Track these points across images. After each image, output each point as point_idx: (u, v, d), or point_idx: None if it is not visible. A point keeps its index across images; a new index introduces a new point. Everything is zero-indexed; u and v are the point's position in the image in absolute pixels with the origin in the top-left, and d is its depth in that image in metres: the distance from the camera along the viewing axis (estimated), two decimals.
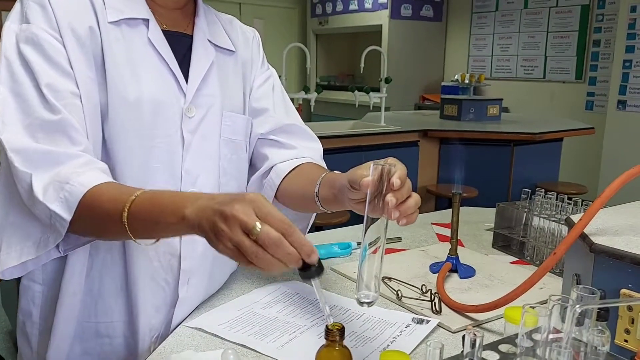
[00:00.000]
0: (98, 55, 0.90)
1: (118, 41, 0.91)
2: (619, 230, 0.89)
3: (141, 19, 0.94)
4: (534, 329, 0.67)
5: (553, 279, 1.15)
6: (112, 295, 0.96)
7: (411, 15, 6.55)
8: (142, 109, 0.92)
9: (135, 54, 0.93)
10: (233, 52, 1.08)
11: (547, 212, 1.29)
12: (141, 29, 0.94)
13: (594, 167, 5.10)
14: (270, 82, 1.17)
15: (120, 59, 0.91)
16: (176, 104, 0.96)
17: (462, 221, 1.54)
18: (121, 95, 0.90)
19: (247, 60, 1.12)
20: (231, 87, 1.06)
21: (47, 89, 0.83)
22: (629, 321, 0.78)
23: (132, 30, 0.93)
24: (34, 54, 0.85)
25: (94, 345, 0.97)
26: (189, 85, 0.97)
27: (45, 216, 0.81)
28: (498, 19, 6.31)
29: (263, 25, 7.41)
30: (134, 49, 0.93)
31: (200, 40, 1.02)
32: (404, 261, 1.27)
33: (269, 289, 1.11)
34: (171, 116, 0.95)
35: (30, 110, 0.83)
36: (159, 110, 0.94)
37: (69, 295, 0.94)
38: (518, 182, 3.73)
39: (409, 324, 0.97)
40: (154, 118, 0.93)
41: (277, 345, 0.89)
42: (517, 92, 6.04)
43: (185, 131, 0.97)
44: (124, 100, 0.90)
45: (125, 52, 0.91)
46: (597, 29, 5.47)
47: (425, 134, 3.80)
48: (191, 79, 0.98)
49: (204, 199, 0.71)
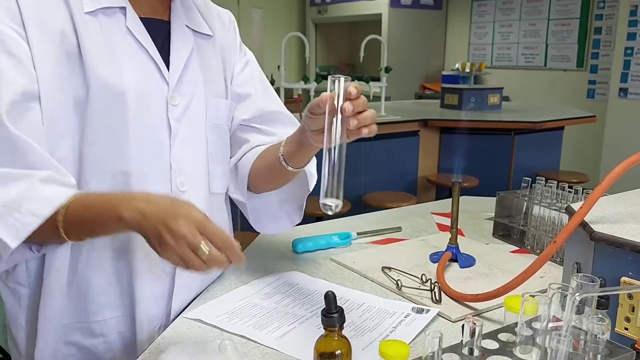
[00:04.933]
0: (74, 48, 0.86)
1: (96, 32, 0.88)
2: (619, 218, 0.89)
3: (118, 7, 0.91)
4: (533, 317, 0.67)
5: (553, 268, 1.15)
6: (103, 294, 0.94)
7: (411, 3, 6.51)
8: (125, 99, 0.89)
9: (115, 43, 0.90)
10: (211, 36, 1.06)
11: (548, 200, 1.29)
12: (119, 17, 0.91)
13: (596, 155, 5.09)
14: (250, 67, 1.16)
15: (99, 49, 0.88)
16: (160, 92, 0.94)
17: (462, 210, 1.53)
18: (103, 87, 0.87)
19: (225, 44, 1.10)
20: (212, 72, 1.05)
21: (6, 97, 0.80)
22: (630, 309, 0.78)
23: (110, 19, 0.90)
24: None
25: (88, 346, 0.96)
26: (171, 73, 0.95)
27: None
28: (498, 6, 6.27)
29: (262, 14, 7.37)
30: (113, 38, 0.90)
31: (179, 26, 1.00)
32: (404, 251, 1.27)
33: (268, 279, 1.11)
34: (156, 105, 0.94)
35: None
36: (142, 100, 0.91)
37: (51, 295, 0.92)
38: (519, 171, 3.72)
39: (408, 314, 0.97)
40: (138, 108, 0.91)
41: (276, 335, 0.89)
42: (518, 81, 6.01)
43: (172, 119, 0.95)
44: (107, 92, 0.88)
45: (104, 43, 0.89)
46: (599, 16, 5.43)
47: (425, 123, 3.79)
48: (173, 66, 0.96)
49: (140, 201, 0.77)
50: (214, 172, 1.04)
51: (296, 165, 1.01)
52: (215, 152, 1.05)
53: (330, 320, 0.67)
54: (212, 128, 1.03)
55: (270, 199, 1.14)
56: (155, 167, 0.94)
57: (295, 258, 1.23)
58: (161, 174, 0.95)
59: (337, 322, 0.67)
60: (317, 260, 1.22)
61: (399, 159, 3.74)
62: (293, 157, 1.00)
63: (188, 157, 0.98)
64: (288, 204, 1.15)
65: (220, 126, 1.05)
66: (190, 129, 0.98)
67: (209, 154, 1.03)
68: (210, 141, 1.03)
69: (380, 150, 3.61)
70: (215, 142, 1.04)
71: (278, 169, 1.02)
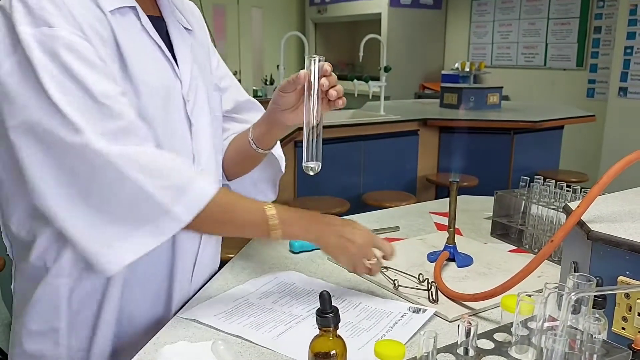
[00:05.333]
0: (114, 45, 0.87)
1: (123, 30, 0.88)
2: (617, 217, 0.88)
3: (129, 7, 0.91)
4: (529, 317, 0.67)
5: (551, 267, 1.14)
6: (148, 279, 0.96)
7: (410, 3, 6.51)
8: (159, 95, 0.92)
9: (136, 42, 0.91)
10: (192, 31, 1.07)
11: (546, 199, 1.28)
12: (131, 17, 0.91)
13: (595, 154, 5.08)
14: (220, 60, 1.21)
15: (130, 47, 0.89)
16: (176, 89, 0.96)
17: (461, 210, 1.53)
18: (144, 83, 0.89)
19: (203, 38, 1.12)
20: (203, 66, 1.07)
21: (102, 96, 0.81)
22: (627, 309, 0.77)
23: (125, 18, 0.90)
24: (74, 62, 0.80)
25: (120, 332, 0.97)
26: (181, 69, 0.97)
27: (155, 216, 0.82)
28: (498, 6, 6.27)
29: (262, 14, 7.37)
30: (133, 37, 0.91)
31: (172, 22, 1.00)
32: (402, 250, 1.26)
33: (265, 279, 1.10)
34: (177, 102, 0.96)
35: (97, 120, 0.80)
36: (168, 95, 0.94)
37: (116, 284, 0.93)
38: (518, 171, 3.71)
39: (405, 314, 0.96)
40: (166, 104, 0.94)
41: (272, 335, 0.88)
42: (517, 80, 6.01)
43: (189, 114, 0.98)
44: (147, 88, 0.90)
45: (129, 41, 0.89)
46: (598, 16, 5.43)
47: (425, 123, 3.79)
48: (181, 63, 0.98)
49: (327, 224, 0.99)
50: (219, 162, 1.10)
51: (265, 147, 1.12)
52: (217, 142, 1.10)
53: (325, 320, 0.67)
54: (214, 119, 1.07)
55: (244, 182, 1.21)
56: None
57: (292, 257, 1.23)
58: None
59: (332, 322, 0.67)
60: (315, 259, 1.22)
61: (399, 158, 3.74)
62: (262, 139, 1.11)
63: (204, 148, 1.02)
64: (262, 184, 1.24)
65: (217, 117, 1.11)
66: (201, 122, 1.02)
67: (214, 145, 1.07)
68: (214, 133, 1.07)
69: (379, 150, 3.61)
70: (217, 134, 1.09)
71: (248, 153, 1.12)
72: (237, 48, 7.18)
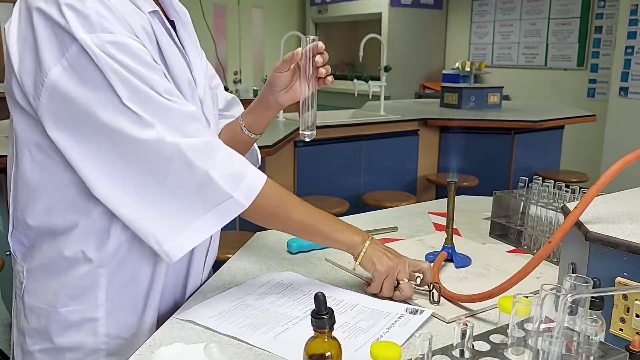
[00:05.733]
0: (157, 45, 0.92)
1: (158, 32, 0.93)
2: (615, 218, 0.88)
3: (153, 11, 0.94)
4: (526, 318, 0.66)
5: (550, 268, 1.14)
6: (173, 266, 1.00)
7: (411, 2, 6.51)
8: (189, 93, 0.97)
9: (167, 43, 0.94)
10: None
11: (545, 200, 1.28)
12: (157, 20, 0.94)
13: (596, 154, 5.07)
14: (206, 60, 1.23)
15: (166, 47, 0.93)
16: (195, 89, 1.00)
17: (460, 210, 1.53)
18: (179, 81, 0.94)
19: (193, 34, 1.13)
20: (202, 65, 1.10)
21: (166, 94, 0.87)
22: (624, 310, 0.77)
23: (156, 21, 0.94)
24: (136, 64, 0.84)
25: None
26: (195, 70, 1.01)
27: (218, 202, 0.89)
28: (499, 6, 6.26)
29: (262, 14, 7.36)
30: (165, 38, 0.94)
31: (180, 24, 1.04)
32: (400, 251, 1.25)
33: (262, 280, 1.10)
34: (197, 101, 1.00)
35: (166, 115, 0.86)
36: (192, 96, 0.99)
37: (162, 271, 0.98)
38: (519, 171, 3.71)
39: (402, 315, 0.96)
40: (194, 102, 0.98)
41: (269, 337, 0.88)
42: (518, 80, 6.01)
43: (206, 114, 1.03)
44: (184, 85, 0.95)
45: (163, 42, 0.93)
46: (599, 15, 5.42)
47: (425, 122, 3.78)
48: (194, 63, 1.02)
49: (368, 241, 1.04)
50: None
51: (258, 131, 1.17)
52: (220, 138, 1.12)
53: (320, 322, 0.66)
54: (217, 117, 1.13)
55: None
56: None
57: (290, 258, 1.22)
58: None
59: (327, 324, 0.66)
60: (312, 260, 1.21)
61: (399, 158, 3.73)
62: (255, 124, 1.16)
63: None
64: None
65: (216, 115, 1.14)
66: (213, 121, 1.08)
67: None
68: (219, 129, 1.14)
69: (379, 150, 3.61)
70: (218, 129, 1.15)
71: (240, 140, 1.17)
72: (238, 48, 7.18)
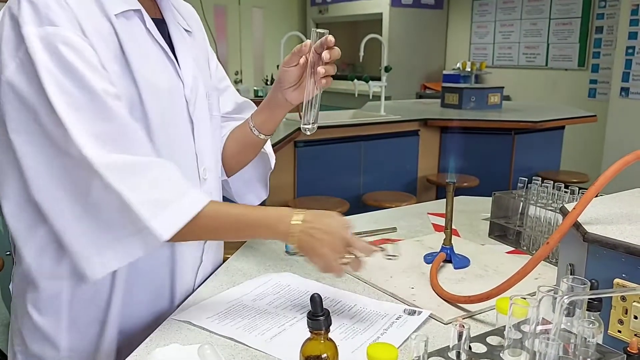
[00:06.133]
0: (119, 51, 0.88)
1: (126, 33, 0.89)
2: (613, 219, 0.87)
3: (133, 10, 0.93)
4: (523, 320, 0.66)
5: (549, 269, 1.13)
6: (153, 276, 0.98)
7: (412, 3, 6.50)
8: (163, 96, 0.94)
9: (141, 44, 0.92)
10: (191, 32, 1.08)
11: (544, 201, 1.27)
12: (136, 20, 0.93)
13: (597, 155, 5.07)
14: (218, 62, 1.22)
15: (134, 50, 0.90)
16: (179, 90, 0.98)
17: (459, 210, 1.52)
18: (149, 85, 0.90)
19: (202, 39, 1.14)
20: (202, 66, 1.09)
21: (102, 93, 0.81)
22: (623, 311, 0.76)
23: (130, 22, 0.92)
24: (76, 60, 0.80)
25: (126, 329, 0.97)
26: (183, 71, 0.99)
27: (136, 229, 0.82)
28: (499, 6, 6.25)
29: (262, 14, 7.36)
30: (138, 39, 0.92)
31: (174, 24, 1.02)
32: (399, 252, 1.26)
33: (260, 280, 1.09)
34: (179, 103, 0.98)
35: (93, 120, 0.81)
36: (172, 97, 0.96)
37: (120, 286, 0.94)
38: (519, 171, 3.70)
39: (400, 316, 0.96)
40: (171, 105, 0.96)
41: (265, 338, 0.88)
42: (519, 80, 6.00)
43: (191, 114, 1.00)
44: (151, 89, 0.91)
45: (134, 43, 0.90)
46: (600, 15, 5.41)
47: (425, 123, 3.78)
48: (183, 64, 0.99)
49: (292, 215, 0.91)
50: (218, 159, 1.12)
51: (267, 132, 1.15)
52: (218, 141, 1.13)
53: (316, 323, 0.66)
54: (214, 119, 1.10)
55: (235, 181, 1.24)
56: (185, 158, 0.99)
57: (287, 259, 1.22)
58: (191, 164, 1.01)
59: (323, 325, 0.66)
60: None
61: (399, 158, 3.73)
62: (264, 124, 1.13)
63: (205, 148, 1.04)
64: (253, 183, 1.27)
65: (216, 117, 1.12)
66: (202, 122, 1.04)
67: (214, 144, 1.09)
68: (214, 132, 1.09)
69: (379, 150, 3.60)
70: (217, 133, 1.12)
71: (249, 141, 1.15)
72: (238, 48, 7.18)
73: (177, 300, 1.02)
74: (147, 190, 0.82)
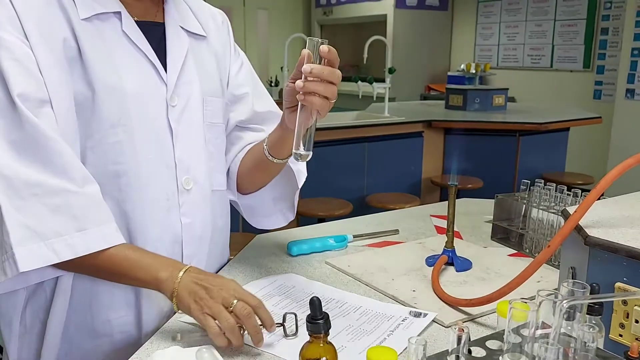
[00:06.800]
0: (75, 54, 0.88)
1: (94, 37, 0.90)
2: (615, 223, 0.87)
3: (112, 12, 0.93)
4: (523, 324, 0.66)
5: (551, 272, 1.13)
6: (111, 294, 0.95)
7: (416, 4, 6.49)
8: (127, 102, 0.92)
9: (113, 48, 0.92)
10: (205, 37, 1.08)
11: (546, 203, 1.27)
12: (114, 22, 0.93)
13: (602, 157, 5.05)
14: (245, 68, 1.19)
15: (98, 54, 0.90)
16: (159, 94, 0.96)
17: (462, 212, 1.52)
18: (105, 90, 0.90)
19: (219, 45, 1.12)
20: (208, 72, 1.07)
21: (19, 99, 0.82)
22: (624, 315, 0.76)
23: (105, 24, 0.92)
24: (5, 59, 0.82)
25: (92, 347, 0.96)
26: (169, 74, 0.97)
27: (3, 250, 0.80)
28: (504, 7, 6.24)
29: (267, 15, 7.37)
30: (111, 43, 0.92)
31: (173, 27, 1.02)
32: (400, 254, 1.26)
33: (264, 282, 1.10)
34: (156, 107, 0.96)
35: (10, 128, 0.81)
36: (143, 102, 0.94)
37: (60, 295, 0.93)
38: (524, 173, 3.69)
39: (406, 317, 0.96)
40: (139, 110, 0.93)
41: (272, 339, 0.87)
42: (524, 82, 5.98)
43: (172, 120, 0.97)
44: (109, 95, 0.90)
45: (102, 47, 0.91)
46: (606, 17, 5.39)
47: (429, 124, 3.77)
48: (170, 68, 0.98)
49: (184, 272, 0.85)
50: (214, 170, 1.07)
51: (278, 156, 1.04)
52: (214, 150, 1.08)
53: (315, 327, 0.66)
54: (209, 127, 1.06)
55: (264, 197, 1.17)
56: (160, 167, 0.96)
57: (290, 261, 1.22)
58: (167, 174, 0.97)
59: (322, 329, 0.66)
60: (312, 263, 1.21)
61: (403, 160, 3.73)
62: (275, 147, 1.03)
63: (191, 155, 1.00)
64: (281, 202, 1.19)
65: (216, 124, 1.08)
66: (190, 129, 1.01)
67: (208, 152, 1.05)
68: (209, 139, 1.05)
69: (383, 152, 3.60)
70: (213, 140, 1.07)
71: (263, 163, 1.06)
72: (243, 49, 7.14)
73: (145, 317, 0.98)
74: (33, 215, 0.80)
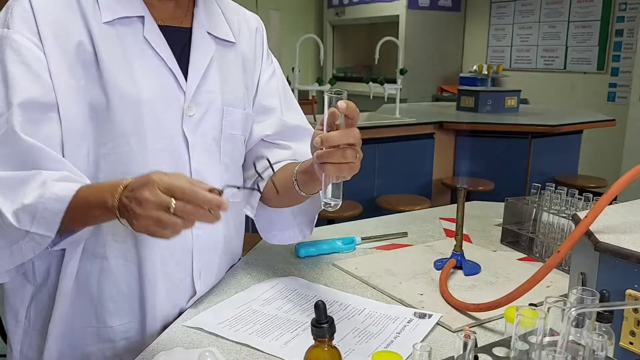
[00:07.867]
0: (91, 58, 0.87)
1: (113, 41, 0.88)
2: (627, 228, 0.86)
3: (136, 17, 0.91)
4: (530, 331, 0.65)
5: (561, 277, 1.12)
6: (117, 301, 0.94)
7: (429, 5, 6.46)
8: (141, 109, 0.90)
9: (131, 53, 0.90)
10: (234, 43, 1.04)
11: (557, 207, 1.25)
12: (137, 26, 0.91)
13: (616, 160, 4.99)
14: (276, 78, 1.14)
15: (115, 59, 0.88)
16: (176, 103, 0.93)
17: (471, 216, 1.51)
18: (120, 96, 0.88)
19: (250, 52, 1.08)
20: (232, 81, 1.03)
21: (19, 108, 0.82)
22: (635, 323, 0.75)
23: (127, 28, 0.90)
24: (13, 62, 0.83)
25: (95, 351, 0.96)
26: (188, 82, 0.94)
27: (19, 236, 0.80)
28: (518, 8, 6.19)
29: (279, 16, 7.38)
30: (130, 48, 0.90)
31: (199, 33, 0.98)
32: (408, 257, 1.25)
33: (267, 285, 1.09)
34: (171, 116, 0.93)
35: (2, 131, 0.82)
36: (158, 112, 0.91)
37: (63, 298, 0.92)
38: (536, 176, 3.66)
39: (411, 319, 0.95)
40: (153, 118, 0.91)
41: (279, 343, 0.87)
42: (537, 83, 5.93)
43: (187, 130, 0.94)
44: (123, 101, 0.88)
45: (121, 52, 0.89)
46: (620, 18, 5.33)
47: (441, 125, 3.75)
48: (191, 76, 0.95)
49: (118, 188, 0.76)
50: (228, 181, 1.02)
51: (310, 192, 1.01)
52: (230, 162, 1.04)
53: (320, 331, 0.66)
54: (227, 138, 1.02)
55: (284, 211, 1.14)
56: None
57: (297, 263, 1.22)
58: None
59: (327, 333, 0.66)
60: (319, 265, 1.20)
61: (414, 161, 3.71)
62: (304, 183, 0.99)
63: (207, 167, 0.98)
64: (301, 217, 1.15)
65: (235, 136, 1.04)
66: (206, 140, 0.98)
67: (223, 164, 1.02)
68: (225, 151, 1.02)
69: (394, 153, 3.58)
70: (230, 152, 1.03)
71: (293, 192, 1.01)
72: None
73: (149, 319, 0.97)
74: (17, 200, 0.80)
